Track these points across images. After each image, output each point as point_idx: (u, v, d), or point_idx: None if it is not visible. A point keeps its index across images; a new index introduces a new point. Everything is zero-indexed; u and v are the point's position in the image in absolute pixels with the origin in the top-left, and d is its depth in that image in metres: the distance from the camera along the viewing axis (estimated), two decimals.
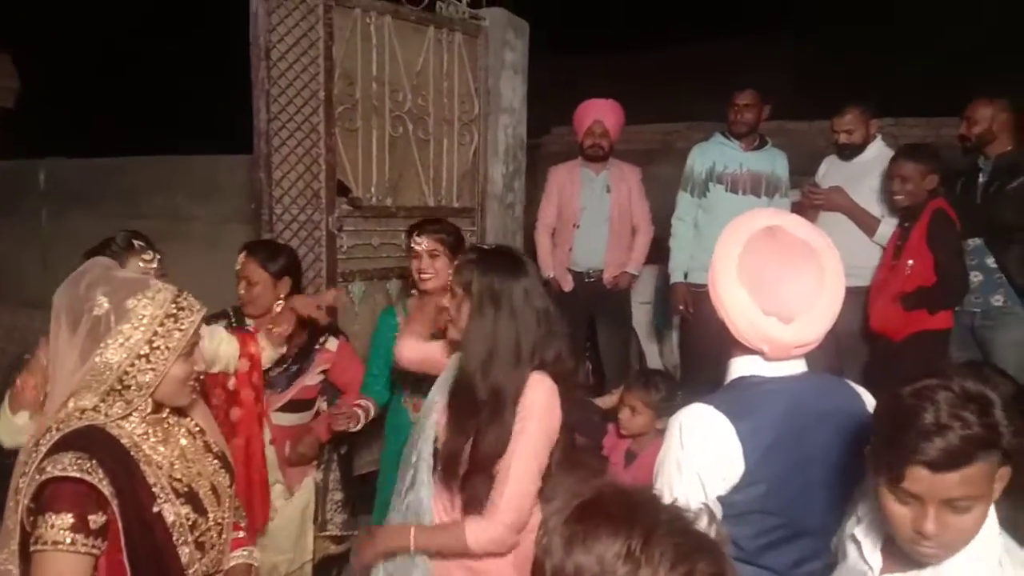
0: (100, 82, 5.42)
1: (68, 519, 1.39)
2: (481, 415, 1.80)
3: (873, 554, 1.32)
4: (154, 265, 2.30)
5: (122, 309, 1.47)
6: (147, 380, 1.50)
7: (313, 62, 3.23)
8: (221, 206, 4.42)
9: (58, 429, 1.46)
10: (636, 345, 4.82)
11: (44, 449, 1.43)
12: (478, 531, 1.76)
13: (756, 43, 8.18)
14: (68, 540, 1.39)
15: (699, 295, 3.83)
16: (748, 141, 3.97)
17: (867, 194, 3.68)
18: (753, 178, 3.94)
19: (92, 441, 1.45)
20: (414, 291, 2.81)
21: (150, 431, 1.57)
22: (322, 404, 2.84)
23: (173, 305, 1.52)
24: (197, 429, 1.68)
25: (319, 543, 2.84)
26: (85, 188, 4.94)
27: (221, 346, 2.33)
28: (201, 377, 1.63)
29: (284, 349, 2.57)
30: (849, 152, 3.77)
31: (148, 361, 1.49)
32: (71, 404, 1.49)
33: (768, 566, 1.49)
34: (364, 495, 3.03)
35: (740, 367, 1.56)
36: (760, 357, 1.52)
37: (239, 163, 4.33)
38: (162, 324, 1.50)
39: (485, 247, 2.02)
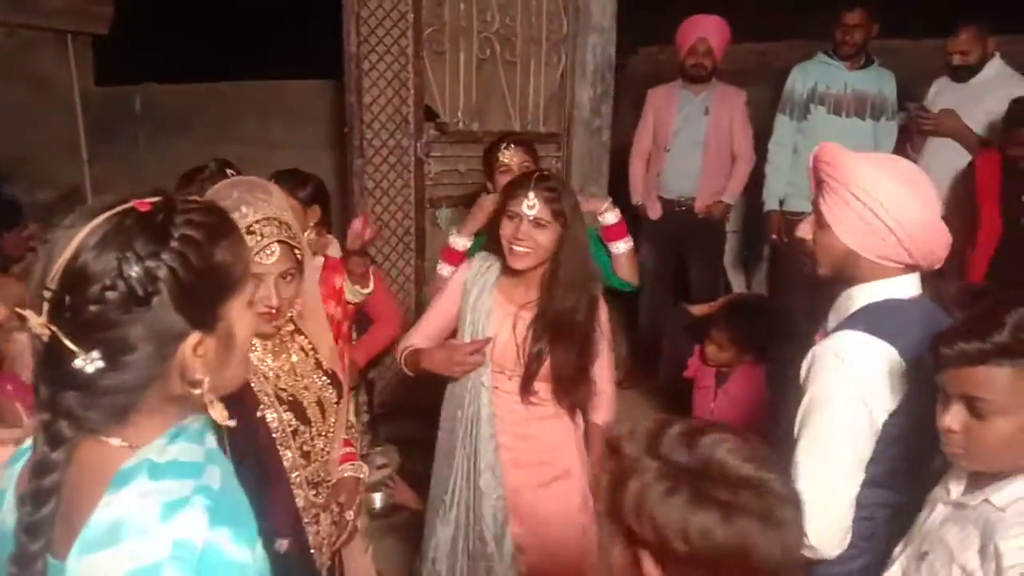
0: (190, 6, 5.47)
1: None
2: (569, 331, 2.03)
3: (955, 481, 1.34)
4: None
5: None
6: None
7: None
8: (309, 131, 4.46)
9: None
10: (723, 277, 4.71)
11: None
12: (609, 413, 2.21)
13: None
14: None
15: (795, 223, 3.69)
16: (854, 60, 3.75)
17: (982, 117, 3.43)
18: (858, 99, 3.73)
19: None
20: None
21: (260, 345, 1.62)
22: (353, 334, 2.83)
23: (246, 229, 1.49)
24: (310, 347, 1.72)
25: None
26: (178, 113, 5.06)
27: None
28: (273, 309, 1.57)
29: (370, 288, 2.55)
30: (964, 74, 3.51)
31: None
32: None
33: (900, 490, 1.49)
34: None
35: (879, 291, 1.53)
36: (897, 279, 1.52)
37: (325, 88, 4.35)
38: None
39: (546, 173, 2.15)
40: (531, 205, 1.97)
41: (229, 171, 2.34)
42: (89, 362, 0.81)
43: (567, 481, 2.17)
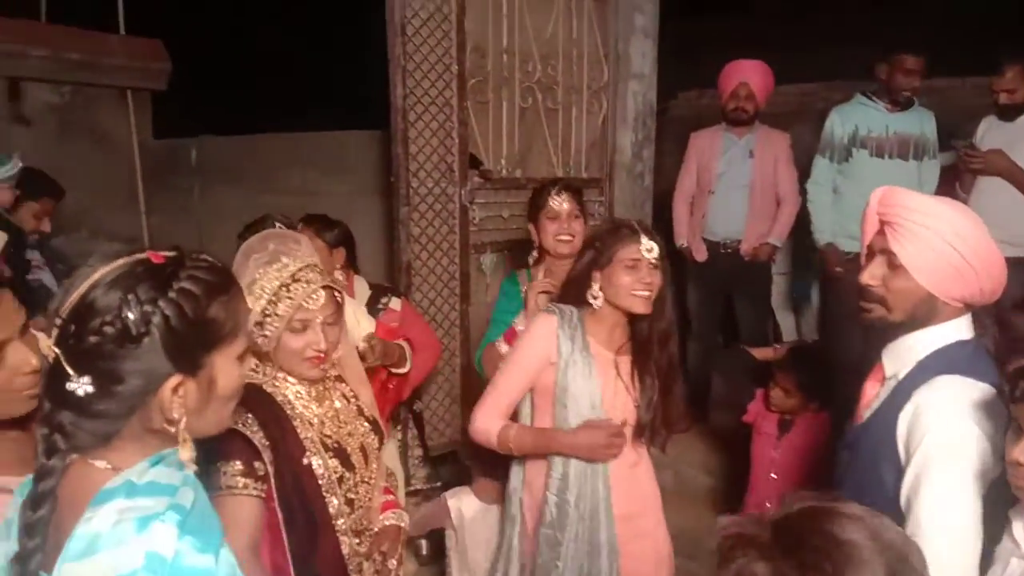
0: (244, 61, 5.69)
1: (238, 465, 1.50)
2: (669, 371, 2.07)
3: (1021, 534, 1.30)
4: None
5: (251, 283, 1.56)
6: (264, 346, 1.59)
7: (446, 36, 3.26)
8: (353, 180, 4.58)
9: None
10: (772, 318, 4.66)
11: None
12: None
13: None
14: (240, 484, 1.49)
15: (844, 263, 3.65)
16: (895, 103, 3.72)
17: None
18: (900, 141, 3.69)
19: (249, 397, 1.53)
20: (535, 254, 2.73)
21: (304, 391, 1.66)
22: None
23: (291, 276, 1.57)
24: (352, 394, 1.76)
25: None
26: (230, 164, 5.24)
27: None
28: (321, 353, 1.62)
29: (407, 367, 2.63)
30: (1012, 112, 3.46)
31: (263, 328, 1.57)
32: None
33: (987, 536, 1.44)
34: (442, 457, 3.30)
35: (948, 334, 1.51)
36: (960, 320, 1.50)
37: (370, 138, 4.47)
38: (276, 294, 1.57)
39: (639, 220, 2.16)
40: (650, 248, 1.98)
41: (278, 225, 2.48)
42: (81, 386, 0.91)
43: (661, 527, 2.17)
